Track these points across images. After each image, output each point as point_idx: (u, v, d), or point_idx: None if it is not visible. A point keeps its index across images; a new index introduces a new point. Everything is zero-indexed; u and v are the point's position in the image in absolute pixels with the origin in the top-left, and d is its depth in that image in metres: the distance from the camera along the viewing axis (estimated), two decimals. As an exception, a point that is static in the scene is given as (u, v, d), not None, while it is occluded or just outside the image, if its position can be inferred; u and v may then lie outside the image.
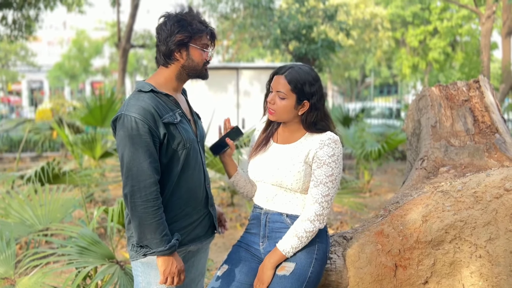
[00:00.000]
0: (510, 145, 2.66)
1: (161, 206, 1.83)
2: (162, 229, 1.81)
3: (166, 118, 1.85)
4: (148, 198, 1.78)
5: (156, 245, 1.80)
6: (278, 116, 1.93)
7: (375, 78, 31.94)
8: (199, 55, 1.94)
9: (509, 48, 12.01)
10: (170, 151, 1.87)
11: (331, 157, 1.87)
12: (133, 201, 1.79)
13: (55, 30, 40.94)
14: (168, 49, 1.90)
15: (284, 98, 1.90)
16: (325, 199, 1.87)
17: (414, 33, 21.97)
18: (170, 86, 1.97)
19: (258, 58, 25.19)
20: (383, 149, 7.34)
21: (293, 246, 1.86)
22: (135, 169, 1.78)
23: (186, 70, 1.96)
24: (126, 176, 1.81)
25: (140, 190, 1.78)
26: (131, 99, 1.88)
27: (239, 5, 13.71)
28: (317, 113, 1.92)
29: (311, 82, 1.90)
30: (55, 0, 11.71)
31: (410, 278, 1.98)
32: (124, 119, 1.81)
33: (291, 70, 1.91)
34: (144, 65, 29.87)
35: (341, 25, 12.37)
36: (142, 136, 1.79)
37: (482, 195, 1.88)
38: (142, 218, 1.79)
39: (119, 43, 14.06)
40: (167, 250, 1.81)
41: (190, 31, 1.89)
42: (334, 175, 1.88)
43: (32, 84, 37.73)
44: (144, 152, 1.79)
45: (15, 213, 3.26)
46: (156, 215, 1.80)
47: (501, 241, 1.80)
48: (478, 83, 2.99)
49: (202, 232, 2.03)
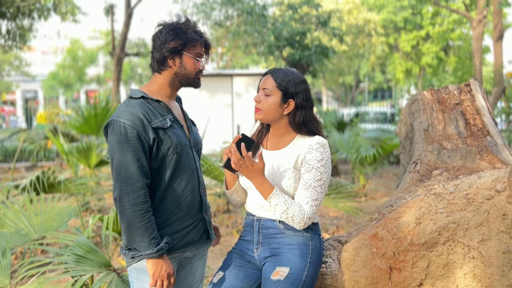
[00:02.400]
0: (501, 147, 2.69)
1: (150, 209, 1.85)
2: (151, 232, 1.84)
3: (155, 123, 1.89)
4: (136, 201, 1.82)
5: (144, 248, 1.83)
6: (263, 114, 1.94)
7: (369, 83, 32.12)
8: (192, 63, 1.98)
9: (500, 51, 12.13)
10: (160, 155, 1.90)
11: (319, 161, 1.89)
12: (121, 205, 1.82)
13: (49, 39, 40.94)
14: (162, 55, 1.95)
15: (269, 95, 1.93)
16: (315, 203, 1.89)
17: (406, 38, 22.13)
18: (163, 92, 2.01)
19: (253, 65, 25.28)
20: (378, 153, 7.38)
21: (276, 208, 1.85)
22: (124, 173, 1.82)
23: (178, 77, 1.99)
24: (115, 180, 1.85)
25: (128, 194, 1.81)
26: (122, 105, 1.93)
27: (233, 13, 13.79)
28: (304, 112, 1.93)
29: (297, 82, 1.93)
30: (49, 10, 11.73)
31: (405, 281, 1.99)
32: (114, 124, 1.86)
33: (278, 70, 1.97)
34: (138, 73, 29.90)
35: (334, 31, 12.45)
36: (130, 141, 1.83)
37: (474, 197, 1.90)
38: (131, 221, 1.82)
39: (114, 51, 14.08)
40: (155, 253, 1.83)
41: (184, 39, 1.93)
42: (323, 180, 1.90)
43: (27, 93, 37.65)
44: (132, 156, 1.83)
45: (11, 222, 3.26)
46: (144, 218, 1.82)
47: (493, 242, 1.82)
48: (469, 87, 3.03)
49: (196, 237, 2.04)
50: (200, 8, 14.38)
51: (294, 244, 1.92)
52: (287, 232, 1.93)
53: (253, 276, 1.97)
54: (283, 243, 1.93)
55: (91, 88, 34.43)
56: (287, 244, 1.93)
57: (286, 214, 1.87)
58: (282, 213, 1.87)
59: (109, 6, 14.14)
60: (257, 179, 1.86)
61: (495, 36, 12.17)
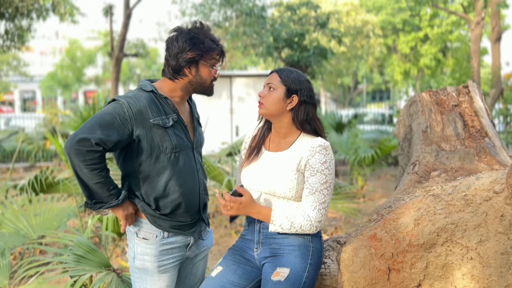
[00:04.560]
0: (499, 149, 2.71)
1: (106, 168, 1.90)
2: (108, 186, 1.90)
3: (156, 120, 1.90)
4: (93, 162, 1.84)
5: (107, 198, 1.90)
6: (266, 108, 1.96)
7: (368, 85, 32.15)
8: (208, 72, 1.99)
9: (498, 53, 12.17)
10: (156, 151, 1.91)
11: (323, 164, 1.91)
12: (71, 160, 1.85)
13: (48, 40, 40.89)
14: (178, 65, 1.94)
15: (273, 88, 1.95)
16: (323, 206, 1.91)
17: (405, 39, 22.17)
18: (174, 94, 2.02)
19: (251, 66, 25.30)
20: (377, 155, 7.40)
21: (282, 226, 1.91)
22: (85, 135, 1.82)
23: (193, 85, 2.01)
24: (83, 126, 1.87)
25: (83, 154, 1.82)
26: (131, 92, 1.96)
27: (232, 14, 13.78)
28: (308, 109, 1.96)
29: (301, 79, 1.97)
30: (48, 10, 11.71)
31: (404, 281, 2.00)
32: (113, 101, 1.90)
33: (283, 68, 2.01)
34: (137, 74, 29.87)
35: (333, 33, 12.47)
36: (115, 118, 1.85)
37: (472, 198, 1.91)
38: (89, 179, 1.86)
39: (112, 52, 14.06)
40: (120, 202, 1.92)
41: (202, 49, 1.93)
42: (328, 182, 1.92)
43: (25, 94, 37.59)
44: (104, 129, 1.84)
45: (10, 223, 3.26)
46: (102, 175, 1.87)
47: (491, 243, 1.83)
48: (467, 88, 3.04)
49: (193, 231, 2.06)
50: (199, 9, 14.37)
51: (295, 245, 1.93)
52: (287, 233, 1.94)
53: (251, 273, 1.98)
54: (283, 244, 1.94)
55: (90, 88, 34.40)
56: (287, 245, 1.94)
57: (293, 228, 1.90)
58: (290, 228, 1.90)
59: (108, 7, 14.13)
60: (253, 211, 1.92)
61: (493, 37, 12.21)
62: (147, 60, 27.77)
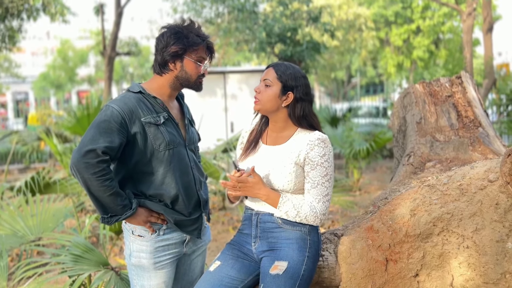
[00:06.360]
0: (493, 138, 2.72)
1: (114, 178, 1.89)
2: (121, 197, 1.89)
3: (147, 118, 1.92)
4: (103, 173, 1.83)
5: (121, 210, 1.88)
6: (262, 104, 1.96)
7: (361, 78, 32.19)
8: (193, 67, 1.99)
9: (490, 43, 12.22)
10: (150, 149, 1.92)
11: (322, 157, 1.92)
12: (82, 176, 1.82)
13: (39, 40, 40.59)
14: (163, 59, 1.97)
15: (269, 85, 1.95)
16: (326, 198, 1.93)
17: (397, 32, 22.22)
18: (162, 92, 2.03)
19: (244, 62, 25.26)
20: (372, 147, 7.42)
21: (287, 214, 1.91)
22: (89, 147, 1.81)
23: (179, 80, 2.02)
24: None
25: (93, 166, 1.81)
26: (118, 96, 1.98)
27: (223, 10, 13.74)
28: (304, 106, 1.96)
29: (297, 76, 1.96)
30: (38, 10, 11.63)
31: (401, 272, 2.02)
32: (104, 108, 1.91)
33: (280, 63, 2.00)
34: (130, 72, 29.74)
35: (325, 27, 12.47)
36: (111, 123, 1.85)
37: (467, 187, 1.93)
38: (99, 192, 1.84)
39: (105, 51, 13.99)
40: (135, 211, 1.92)
41: (185, 44, 1.95)
42: (329, 175, 1.93)
43: (17, 95, 37.32)
44: (106, 136, 1.84)
45: (6, 224, 3.25)
46: (113, 186, 1.85)
47: (487, 231, 1.85)
48: (460, 79, 3.06)
49: (193, 230, 2.06)
50: (191, 5, 14.32)
51: (292, 238, 1.94)
52: (285, 226, 1.95)
53: (249, 268, 1.99)
54: (281, 238, 1.95)
55: (83, 88, 34.21)
56: (285, 238, 1.94)
57: (298, 217, 1.91)
58: (295, 217, 1.91)
59: (99, 6, 14.05)
60: (262, 192, 1.90)
61: (484, 28, 12.25)
62: (139, 58, 27.66)
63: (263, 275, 1.91)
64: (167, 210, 1.98)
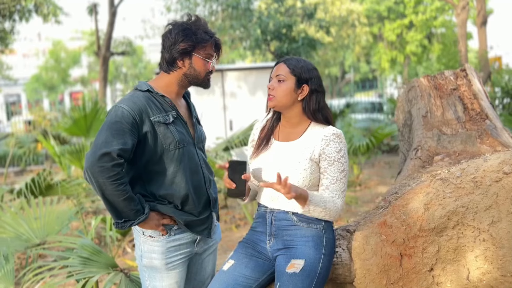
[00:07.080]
0: (501, 130, 2.72)
1: (128, 182, 1.86)
2: (134, 202, 1.85)
3: (156, 117, 1.89)
4: (118, 177, 1.80)
5: (134, 215, 1.85)
6: (277, 100, 1.93)
7: (355, 74, 32.24)
8: (201, 64, 1.97)
9: (485, 37, 12.27)
10: (160, 149, 1.90)
11: (339, 152, 1.91)
12: (96, 181, 1.79)
13: (30, 41, 40.28)
14: (171, 56, 1.94)
15: (283, 80, 1.93)
16: (343, 194, 1.93)
17: (390, 27, 22.27)
18: (170, 90, 2.00)
19: (239, 60, 25.20)
20: (371, 143, 7.43)
21: (311, 210, 1.86)
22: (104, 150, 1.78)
23: (188, 78, 1.99)
24: None
25: (108, 170, 1.78)
26: (127, 95, 1.94)
27: (217, 8, 13.69)
28: (319, 98, 1.94)
29: (309, 68, 1.95)
30: (30, 11, 11.53)
31: (416, 266, 2.00)
32: (114, 109, 1.87)
33: (289, 58, 1.98)
34: (123, 72, 29.59)
35: (320, 23, 12.46)
36: (122, 124, 1.82)
37: (482, 180, 1.92)
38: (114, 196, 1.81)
39: (99, 51, 13.90)
40: (148, 216, 1.89)
41: (194, 40, 1.92)
42: (346, 170, 1.93)
43: (9, 98, 37.03)
44: (118, 138, 1.80)
45: (9, 227, 3.20)
46: (127, 190, 1.82)
47: (504, 224, 1.83)
48: (465, 72, 3.05)
49: (203, 230, 2.05)
50: (184, 4, 14.25)
51: (308, 236, 1.92)
52: (300, 224, 1.93)
53: (264, 266, 1.97)
54: (296, 236, 1.93)
55: (76, 89, 34.01)
56: (300, 236, 1.92)
57: (324, 213, 1.88)
58: (319, 213, 1.88)
59: (93, 5, 13.94)
60: (299, 190, 1.81)
61: (478, 21, 12.30)
62: (133, 58, 27.54)
63: (279, 274, 1.89)
64: (176, 212, 1.95)
